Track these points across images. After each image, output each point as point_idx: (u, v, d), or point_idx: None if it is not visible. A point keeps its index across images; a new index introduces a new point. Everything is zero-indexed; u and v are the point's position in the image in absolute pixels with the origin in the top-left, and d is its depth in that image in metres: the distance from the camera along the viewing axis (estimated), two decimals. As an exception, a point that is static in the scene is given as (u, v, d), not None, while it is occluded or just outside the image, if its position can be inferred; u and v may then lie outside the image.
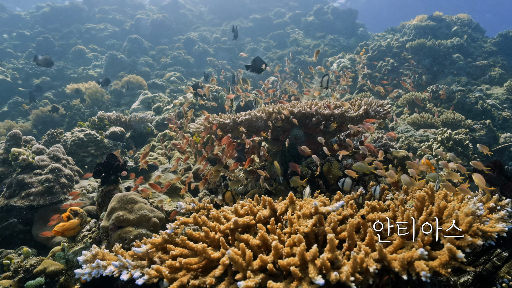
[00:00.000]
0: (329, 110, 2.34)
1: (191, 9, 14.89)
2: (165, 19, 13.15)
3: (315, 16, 13.19)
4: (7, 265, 2.51)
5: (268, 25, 13.96)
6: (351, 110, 2.44)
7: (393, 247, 1.28)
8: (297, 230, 1.31)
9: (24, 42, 13.12)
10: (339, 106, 2.43)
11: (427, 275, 1.11)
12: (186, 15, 14.09)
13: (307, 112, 2.36)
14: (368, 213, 1.48)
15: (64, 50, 12.38)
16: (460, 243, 1.25)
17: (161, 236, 1.52)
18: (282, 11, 15.05)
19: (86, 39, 12.95)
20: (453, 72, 7.10)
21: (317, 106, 2.35)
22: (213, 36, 12.60)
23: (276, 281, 1.18)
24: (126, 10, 15.28)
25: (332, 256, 1.17)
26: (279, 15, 14.86)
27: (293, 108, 2.37)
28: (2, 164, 3.39)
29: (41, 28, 13.78)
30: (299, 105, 2.38)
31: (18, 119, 9.43)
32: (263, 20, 14.16)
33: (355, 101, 2.56)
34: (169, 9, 14.23)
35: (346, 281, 1.09)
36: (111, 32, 13.32)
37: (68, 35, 13.05)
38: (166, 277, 1.32)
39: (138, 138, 4.57)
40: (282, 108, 2.42)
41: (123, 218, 2.04)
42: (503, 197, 1.89)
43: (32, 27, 13.98)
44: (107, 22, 13.87)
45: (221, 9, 15.22)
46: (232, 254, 1.18)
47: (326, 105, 2.38)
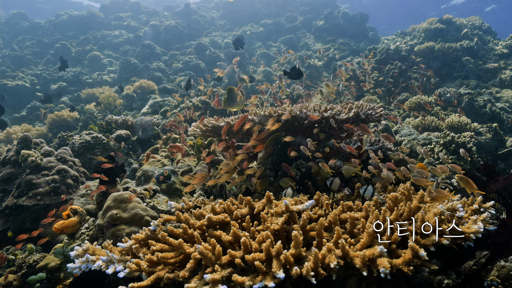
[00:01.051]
0: (318, 113, 2.39)
1: (203, 15, 15.13)
2: (178, 25, 13.41)
3: (325, 21, 13.21)
4: (12, 260, 2.64)
5: (279, 29, 14.05)
6: (342, 113, 2.48)
7: (360, 245, 1.32)
8: (268, 227, 1.36)
9: (43, 49, 13.60)
10: (329, 109, 2.47)
11: (386, 272, 1.14)
12: (198, 21, 14.32)
13: (297, 115, 2.41)
14: (342, 212, 1.52)
15: (80, 56, 12.78)
16: (425, 242, 1.28)
17: (144, 232, 1.60)
18: (294, 16, 15.12)
19: (101, 45, 13.32)
20: (462, 75, 7.00)
21: (306, 109, 2.40)
22: (224, 41, 12.78)
23: (244, 275, 1.24)
24: (140, 17, 15.66)
25: (296, 252, 1.22)
26: (291, 19, 14.94)
27: (283, 111, 2.43)
28: (13, 166, 3.55)
29: (59, 35, 14.26)
30: (289, 108, 2.43)
31: (35, 123, 9.78)
32: (274, 25, 14.27)
33: (346, 104, 2.59)
34: (182, 15, 14.51)
35: (307, 275, 1.14)
36: (126, 38, 13.66)
37: (85, 42, 13.45)
38: (145, 270, 1.40)
39: (144, 141, 4.70)
40: (274, 111, 2.48)
41: (116, 216, 2.14)
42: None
43: (51, 35, 14.48)
44: (122, 29, 14.24)
45: (232, 14, 15.41)
46: (201, 248, 1.25)
47: (315, 108, 2.43)
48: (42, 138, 7.18)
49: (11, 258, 2.65)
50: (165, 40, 13.01)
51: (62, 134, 4.74)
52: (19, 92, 10.96)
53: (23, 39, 14.38)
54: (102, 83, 11.27)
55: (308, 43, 12.73)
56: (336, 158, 2.66)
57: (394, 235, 1.31)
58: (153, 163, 3.93)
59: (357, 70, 7.79)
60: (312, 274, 1.14)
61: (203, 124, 2.70)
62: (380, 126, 4.79)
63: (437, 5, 29.64)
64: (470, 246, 1.67)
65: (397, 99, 6.78)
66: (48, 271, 2.38)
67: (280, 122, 2.48)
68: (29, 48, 13.65)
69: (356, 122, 2.66)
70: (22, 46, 13.95)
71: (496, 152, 4.77)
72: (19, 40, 14.44)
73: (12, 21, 15.81)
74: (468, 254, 1.71)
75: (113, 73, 11.82)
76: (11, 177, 3.49)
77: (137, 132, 4.70)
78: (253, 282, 1.16)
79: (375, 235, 1.34)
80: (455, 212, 1.76)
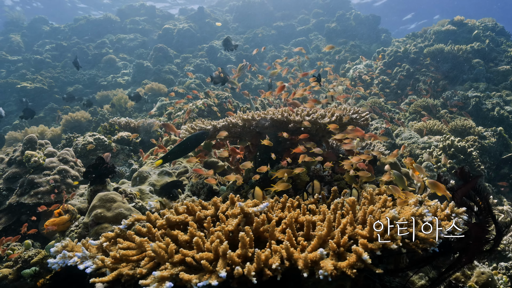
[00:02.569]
0: (300, 117, 2.43)
1: (216, 18, 15.32)
2: (190, 28, 13.63)
3: (337, 23, 13.15)
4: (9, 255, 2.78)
5: (291, 32, 14.08)
6: (325, 117, 2.50)
7: (310, 247, 1.35)
8: (223, 228, 1.41)
9: (61, 52, 14.08)
10: (311, 113, 2.50)
11: (324, 274, 1.18)
12: (211, 24, 14.52)
13: (279, 119, 2.45)
14: (300, 215, 1.55)
15: (97, 59, 13.16)
16: (372, 246, 1.30)
17: (114, 231, 1.68)
18: (306, 18, 15.12)
19: (117, 49, 13.68)
20: (472, 77, 6.84)
21: (287, 112, 2.44)
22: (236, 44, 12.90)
23: (194, 273, 1.29)
24: (155, 20, 15.99)
25: (242, 252, 1.27)
26: (303, 22, 14.94)
27: (266, 115, 2.48)
28: (18, 165, 3.73)
29: (77, 39, 14.72)
30: (271, 112, 2.48)
31: (52, 124, 10.14)
32: (287, 28, 14.30)
33: (330, 108, 2.61)
34: (196, 19, 14.73)
35: (248, 275, 1.19)
36: (140, 41, 13.98)
37: (101, 45, 13.85)
38: (108, 266, 1.48)
39: (147, 142, 4.83)
40: (258, 115, 2.53)
41: (101, 215, 2.24)
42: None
43: (69, 38, 14.96)
44: (137, 32, 14.58)
45: (245, 17, 15.54)
46: (154, 247, 1.31)
47: (297, 112, 2.47)
48: (56, 139, 7.46)
49: (9, 252, 2.79)
50: (178, 43, 13.25)
51: (69, 135, 4.92)
52: (38, 94, 11.39)
53: (43, 43, 14.92)
54: (116, 86, 11.58)
55: (320, 45, 12.70)
56: (331, 161, 2.68)
57: (344, 238, 1.34)
58: (152, 164, 4.05)
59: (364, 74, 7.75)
60: (253, 274, 1.18)
61: (191, 127, 2.78)
62: (382, 129, 4.77)
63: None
64: (434, 251, 1.68)
65: (404, 102, 6.70)
66: (42, 266, 2.51)
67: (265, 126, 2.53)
68: (49, 51, 14.16)
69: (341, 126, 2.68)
70: (42, 49, 14.48)
71: (501, 156, 4.66)
72: (39, 43, 15.00)
73: (34, 26, 16.43)
74: (431, 259, 1.71)
75: (127, 76, 12.12)
76: (16, 176, 3.66)
77: (141, 134, 4.84)
78: (200, 280, 1.22)
79: (325, 238, 1.37)
80: (422, 217, 1.76)
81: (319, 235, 1.33)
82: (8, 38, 15.35)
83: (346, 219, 1.41)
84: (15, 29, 16.24)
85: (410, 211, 1.69)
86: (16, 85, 11.39)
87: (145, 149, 4.77)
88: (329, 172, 2.39)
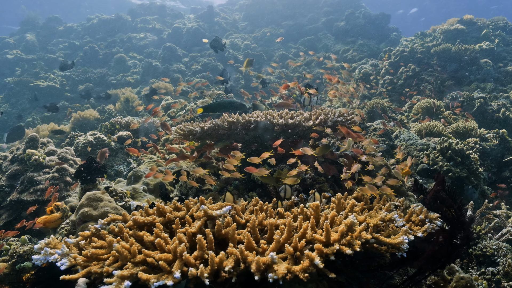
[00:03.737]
0: (283, 120, 2.45)
1: (226, 17, 15.38)
2: (199, 28, 13.72)
3: (346, 21, 13.04)
4: (7, 250, 2.90)
5: (300, 31, 14.03)
6: (308, 120, 2.53)
7: (269, 251, 1.39)
8: (187, 230, 1.46)
9: (74, 51, 14.39)
10: (295, 116, 2.52)
11: (274, 277, 1.21)
12: (220, 23, 14.59)
13: (261, 122, 2.49)
14: (267, 218, 1.59)
15: (107, 58, 13.39)
16: (326, 251, 1.33)
17: (90, 230, 1.75)
18: (316, 17, 15.03)
19: (127, 48, 13.89)
20: (479, 78, 6.71)
21: (270, 115, 2.47)
22: (244, 43, 12.94)
23: (156, 273, 1.34)
24: (165, 19, 16.15)
25: (199, 254, 1.31)
26: (313, 20, 14.86)
27: (251, 118, 2.51)
28: (20, 163, 3.86)
29: (89, 38, 15.01)
30: (255, 115, 2.51)
31: (63, 122, 10.40)
32: (296, 26, 14.26)
33: (315, 111, 2.63)
34: (205, 18, 14.82)
35: (200, 276, 1.23)
36: (150, 40, 14.16)
37: (112, 44, 14.08)
38: (80, 264, 1.54)
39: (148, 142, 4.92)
40: (243, 117, 2.57)
41: (87, 213, 2.32)
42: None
43: (81, 37, 15.27)
44: (147, 31, 14.77)
45: (254, 16, 15.55)
46: (117, 247, 1.37)
47: (281, 115, 2.50)
48: (65, 136, 7.61)
49: (6, 247, 2.90)
50: (186, 42, 13.37)
51: (72, 134, 5.06)
52: (50, 92, 11.68)
53: (57, 42, 15.26)
54: (125, 84, 11.77)
55: (328, 44, 12.62)
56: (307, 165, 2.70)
57: (301, 243, 1.37)
58: (149, 163, 4.13)
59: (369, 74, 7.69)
60: (206, 275, 1.23)
61: (179, 129, 2.84)
62: (380, 130, 4.74)
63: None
64: (402, 256, 1.69)
65: (408, 103, 6.63)
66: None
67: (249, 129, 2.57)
68: (62, 50, 14.48)
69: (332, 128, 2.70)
70: (56, 48, 14.82)
71: (502, 159, 4.58)
72: (53, 43, 15.35)
73: (48, 25, 16.80)
74: (398, 264, 1.72)
75: (136, 75, 12.30)
76: (18, 174, 3.79)
77: (141, 134, 4.93)
78: (157, 280, 1.27)
79: (284, 242, 1.40)
80: (392, 223, 1.78)
81: (277, 239, 1.36)
82: (23, 37, 15.74)
83: (307, 223, 1.44)
84: (31, 28, 16.64)
85: (378, 216, 1.71)
86: (29, 83, 11.70)
87: (146, 149, 4.87)
88: (311, 174, 2.41)
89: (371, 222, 1.66)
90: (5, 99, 11.86)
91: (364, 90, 6.56)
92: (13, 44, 15.16)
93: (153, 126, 4.89)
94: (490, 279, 2.55)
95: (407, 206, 2.30)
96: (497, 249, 2.83)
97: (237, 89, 9.10)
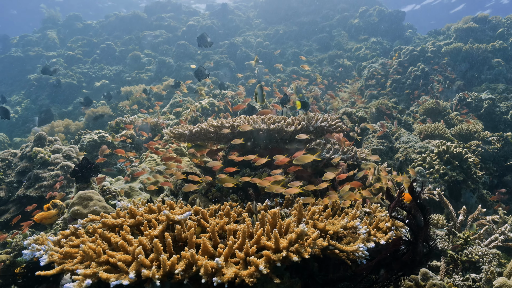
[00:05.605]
0: (265, 125, 2.52)
1: (240, 15, 15.43)
2: (213, 25, 13.85)
3: (360, 19, 12.87)
4: (10, 243, 3.10)
5: (313, 28, 13.94)
6: (290, 125, 2.59)
7: (224, 255, 1.47)
8: (149, 233, 1.57)
9: (92, 48, 14.80)
10: (277, 121, 2.59)
11: (218, 281, 1.30)
12: (233, 20, 14.66)
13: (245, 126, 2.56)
14: (226, 224, 1.68)
15: (123, 56, 13.72)
16: (274, 257, 1.41)
17: (69, 229, 1.88)
18: (331, 14, 14.89)
19: (142, 45, 14.18)
20: (490, 78, 6.53)
21: (252, 119, 2.54)
22: (256, 41, 12.99)
23: (117, 273, 1.45)
24: (181, 17, 16.36)
25: (154, 257, 1.41)
26: (327, 17, 14.73)
27: (234, 122, 2.60)
28: (28, 160, 4.08)
29: (107, 35, 15.40)
30: (239, 120, 2.59)
31: (79, 118, 10.76)
32: (309, 24, 14.18)
33: (298, 117, 2.69)
34: (219, 15, 14.94)
35: (152, 277, 1.33)
36: (165, 38, 14.39)
37: (128, 42, 14.40)
38: (56, 261, 1.67)
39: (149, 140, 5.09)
40: (227, 122, 2.66)
41: (77, 211, 2.46)
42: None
43: (99, 35, 15.68)
44: (162, 29, 15.01)
45: (269, 13, 15.54)
46: (84, 247, 1.49)
47: (263, 120, 2.56)
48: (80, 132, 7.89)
49: (9, 240, 3.11)
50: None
51: (81, 132, 5.27)
52: (69, 88, 12.08)
53: (76, 39, 15.73)
54: (140, 81, 12.06)
55: (341, 42, 12.51)
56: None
57: (252, 248, 1.45)
58: (149, 162, 4.29)
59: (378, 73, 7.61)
60: (157, 277, 1.33)
61: (170, 131, 2.95)
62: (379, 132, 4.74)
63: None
64: (362, 262, 1.75)
65: (416, 103, 6.55)
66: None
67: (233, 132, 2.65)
68: (80, 47, 14.92)
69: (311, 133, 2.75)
70: (75, 45, 15.28)
71: (505, 163, 4.49)
72: (73, 40, 15.83)
73: (69, 23, 17.33)
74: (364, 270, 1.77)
75: (150, 72, 12.57)
76: (26, 170, 4.02)
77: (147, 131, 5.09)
78: (116, 279, 1.38)
79: (239, 247, 1.49)
80: (355, 230, 1.84)
81: (230, 245, 1.45)
82: (45, 34, 16.31)
83: (261, 230, 1.52)
84: (52, 26, 17.21)
85: (339, 224, 1.76)
86: (49, 80, 12.13)
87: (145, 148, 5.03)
88: (290, 178, 2.48)
89: (332, 229, 1.72)
90: (26, 95, 12.37)
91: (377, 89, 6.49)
92: (35, 41, 15.73)
93: (147, 126, 5.04)
94: (470, 286, 2.55)
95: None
96: (482, 256, 2.83)
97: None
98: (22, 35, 15.77)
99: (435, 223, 3.29)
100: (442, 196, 3.31)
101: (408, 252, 1.80)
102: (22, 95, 12.38)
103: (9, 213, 3.75)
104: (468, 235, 3.08)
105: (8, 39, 16.22)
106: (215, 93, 6.56)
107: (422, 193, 3.41)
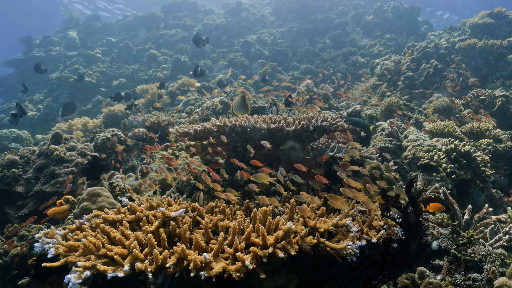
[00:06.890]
0: (266, 125, 2.58)
1: (254, 12, 15.46)
2: (228, 24, 13.95)
3: (374, 15, 12.69)
4: (26, 236, 3.28)
5: (327, 25, 13.84)
6: (291, 125, 2.64)
7: (214, 251, 1.55)
8: (146, 228, 1.66)
9: (110, 48, 15.16)
10: (278, 121, 2.64)
11: (205, 275, 1.38)
12: (248, 19, 14.71)
13: (245, 126, 2.63)
14: (220, 221, 1.75)
15: (140, 55, 14.00)
16: (260, 254, 1.47)
17: (75, 223, 2.00)
18: (345, 10, 14.73)
19: (159, 44, 14.42)
20: (506, 74, 6.35)
21: (253, 119, 2.60)
22: (270, 39, 13.00)
23: (114, 265, 1.55)
24: (197, 16, 16.54)
25: (148, 251, 1.50)
26: (342, 14, 14.58)
27: (235, 122, 2.67)
28: (45, 157, 4.28)
29: (125, 35, 15.74)
30: (240, 120, 2.66)
31: (97, 116, 11.06)
32: (323, 21, 14.08)
33: (299, 116, 2.73)
34: (233, 13, 15.01)
35: (145, 270, 1.42)
36: (181, 37, 14.60)
37: (145, 41, 14.68)
38: (61, 254, 1.79)
39: (164, 139, 5.22)
40: (229, 121, 2.73)
41: (86, 207, 2.60)
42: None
43: (117, 34, 16.04)
44: (178, 28, 15.22)
45: (283, 11, 15.51)
46: (84, 241, 1.59)
47: (264, 120, 2.62)
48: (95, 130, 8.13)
49: (25, 234, 3.28)
50: (215, 38, 13.64)
51: (96, 130, 5.46)
52: (88, 87, 12.43)
53: (95, 39, 16.15)
54: (156, 80, 12.28)
55: (356, 38, 12.37)
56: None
57: (241, 245, 1.52)
58: (160, 159, 4.42)
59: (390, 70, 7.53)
60: (149, 270, 1.42)
61: (176, 130, 3.05)
62: (387, 130, 4.72)
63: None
64: (352, 260, 1.79)
65: (428, 100, 6.46)
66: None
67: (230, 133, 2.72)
68: (99, 47, 15.31)
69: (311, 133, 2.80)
70: (94, 45, 15.69)
71: (517, 163, 4.40)
72: (92, 39, 16.26)
73: (88, 23, 17.79)
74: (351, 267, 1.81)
75: (166, 70, 12.78)
76: (43, 167, 4.21)
77: (156, 131, 5.22)
78: (113, 271, 1.48)
79: (229, 243, 1.56)
80: (347, 228, 1.88)
81: (220, 241, 1.52)
82: (66, 35, 16.79)
83: (250, 227, 1.59)
84: (73, 26, 17.69)
85: (330, 222, 1.81)
86: (69, 79, 12.52)
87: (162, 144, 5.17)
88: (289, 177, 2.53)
89: (322, 227, 1.77)
90: (48, 94, 12.79)
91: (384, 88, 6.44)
92: (57, 41, 16.23)
93: (169, 123, 5.17)
94: (470, 285, 2.54)
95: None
96: (485, 255, 2.81)
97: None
98: (45, 36, 16.28)
99: (439, 222, 3.28)
100: (448, 194, 3.30)
101: (399, 251, 1.84)
102: (44, 94, 12.81)
103: (27, 207, 3.95)
104: (472, 235, 3.06)
105: (31, 40, 16.78)
106: (227, 90, 6.64)
107: (422, 193, 3.40)
